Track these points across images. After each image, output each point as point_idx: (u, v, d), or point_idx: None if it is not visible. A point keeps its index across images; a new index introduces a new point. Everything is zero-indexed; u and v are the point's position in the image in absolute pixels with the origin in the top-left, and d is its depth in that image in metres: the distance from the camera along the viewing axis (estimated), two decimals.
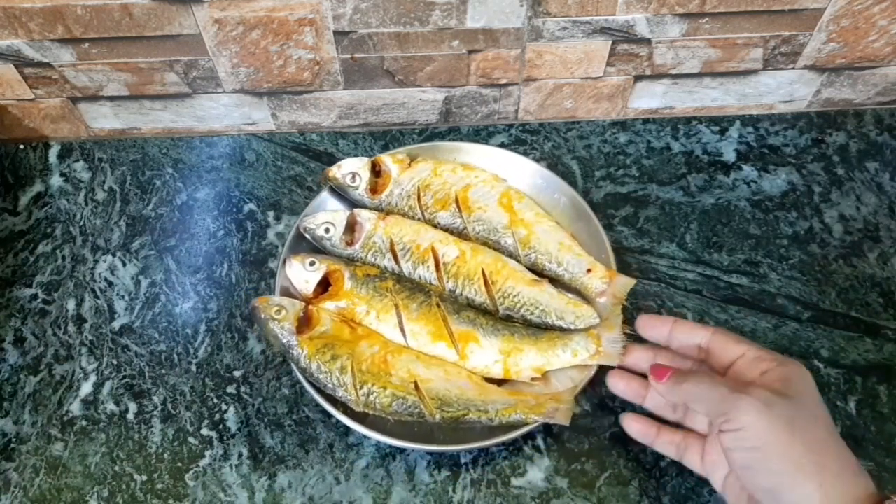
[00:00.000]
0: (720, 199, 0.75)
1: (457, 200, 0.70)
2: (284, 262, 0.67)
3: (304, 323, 0.63)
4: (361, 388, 0.60)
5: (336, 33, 0.70)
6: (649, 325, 0.58)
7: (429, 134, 0.81)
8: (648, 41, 0.72)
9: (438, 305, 0.64)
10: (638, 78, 0.76)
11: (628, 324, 0.63)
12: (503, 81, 0.76)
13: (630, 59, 0.74)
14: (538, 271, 0.68)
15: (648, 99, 0.79)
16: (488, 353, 0.63)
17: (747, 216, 0.74)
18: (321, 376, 0.61)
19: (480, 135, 0.80)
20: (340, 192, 0.72)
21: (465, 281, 0.66)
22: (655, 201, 0.75)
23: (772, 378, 0.49)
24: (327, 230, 0.69)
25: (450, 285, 0.66)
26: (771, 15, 0.70)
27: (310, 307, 0.64)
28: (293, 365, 0.62)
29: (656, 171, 0.77)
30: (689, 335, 0.56)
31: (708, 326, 0.55)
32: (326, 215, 0.70)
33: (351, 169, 0.71)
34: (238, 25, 0.69)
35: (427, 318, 0.64)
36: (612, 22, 0.69)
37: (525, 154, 0.75)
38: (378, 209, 0.71)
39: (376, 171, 0.72)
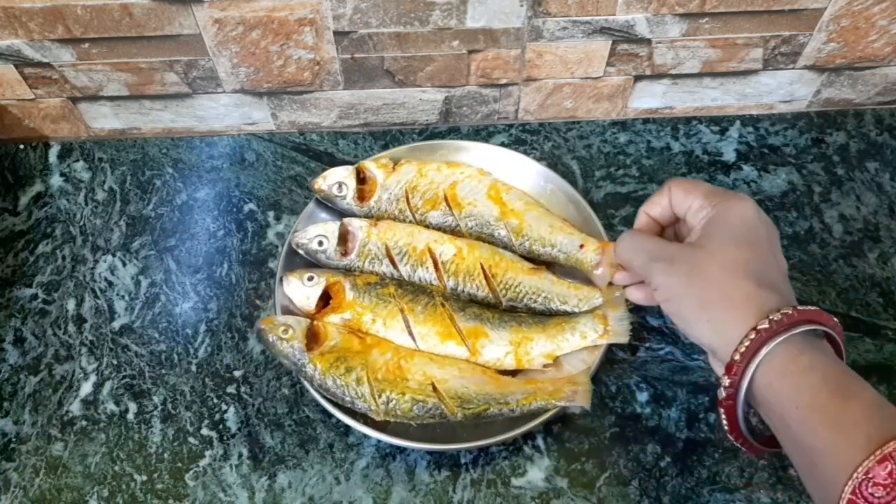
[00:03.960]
0: None
1: (446, 198, 0.70)
2: (281, 280, 0.66)
3: (312, 339, 0.62)
4: (380, 396, 0.60)
5: (336, 33, 0.70)
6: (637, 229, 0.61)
7: (429, 134, 0.81)
8: (648, 41, 0.72)
9: (443, 305, 0.64)
10: (638, 78, 0.76)
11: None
12: (503, 81, 0.76)
13: (630, 59, 0.74)
14: (534, 258, 0.68)
15: (648, 99, 0.79)
16: (499, 345, 0.63)
17: None
18: (338, 391, 0.60)
19: (480, 135, 0.80)
20: (328, 204, 0.72)
21: (465, 277, 0.66)
22: None
23: (698, 226, 0.54)
24: (321, 243, 0.68)
25: (451, 283, 0.66)
26: (771, 15, 0.69)
27: (315, 323, 0.63)
28: (307, 384, 0.62)
29: (656, 171, 0.77)
30: (658, 206, 0.59)
31: (665, 186, 0.58)
32: (318, 228, 0.69)
33: (336, 179, 0.70)
34: (238, 25, 0.69)
35: (434, 318, 0.64)
36: (612, 22, 0.69)
37: (525, 154, 0.75)
38: (368, 216, 0.71)
39: (361, 178, 0.71)
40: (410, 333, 0.64)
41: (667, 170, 0.77)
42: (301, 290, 0.65)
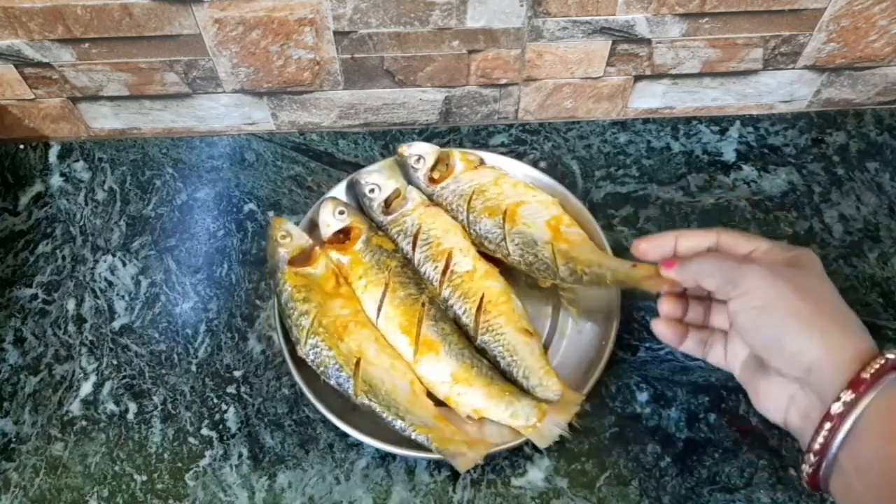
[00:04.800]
0: (720, 199, 0.75)
1: (505, 213, 0.68)
2: (324, 200, 0.70)
3: (303, 257, 0.66)
4: (311, 337, 0.62)
5: (336, 33, 0.70)
6: (652, 246, 0.56)
7: (429, 134, 0.81)
8: (648, 41, 0.72)
9: (423, 305, 0.64)
10: (638, 78, 0.76)
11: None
12: (503, 81, 0.76)
13: (630, 59, 0.74)
14: (577, 277, 0.64)
15: (648, 99, 0.79)
16: (441, 370, 0.62)
17: (747, 216, 0.74)
18: (285, 308, 0.64)
19: (480, 135, 0.80)
20: (402, 168, 0.73)
21: (461, 296, 0.65)
22: (655, 201, 0.75)
23: (779, 258, 0.50)
24: (371, 190, 0.70)
25: (445, 293, 0.65)
26: (771, 15, 0.70)
27: (315, 248, 0.67)
28: (272, 284, 0.66)
29: (656, 171, 0.77)
30: (696, 242, 0.54)
31: (712, 230, 0.54)
32: (381, 177, 0.71)
33: (419, 152, 0.72)
34: (238, 25, 0.69)
35: (406, 310, 0.64)
36: (612, 22, 0.70)
37: (525, 154, 0.75)
38: (430, 197, 0.71)
39: (444, 162, 0.72)
40: (379, 308, 0.64)
41: (667, 170, 0.77)
42: (328, 217, 0.69)
